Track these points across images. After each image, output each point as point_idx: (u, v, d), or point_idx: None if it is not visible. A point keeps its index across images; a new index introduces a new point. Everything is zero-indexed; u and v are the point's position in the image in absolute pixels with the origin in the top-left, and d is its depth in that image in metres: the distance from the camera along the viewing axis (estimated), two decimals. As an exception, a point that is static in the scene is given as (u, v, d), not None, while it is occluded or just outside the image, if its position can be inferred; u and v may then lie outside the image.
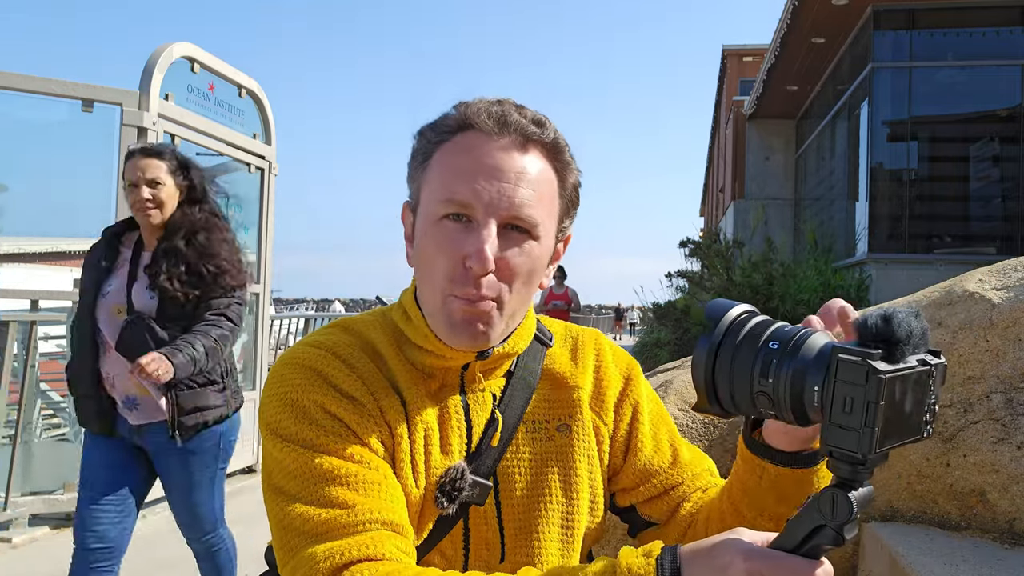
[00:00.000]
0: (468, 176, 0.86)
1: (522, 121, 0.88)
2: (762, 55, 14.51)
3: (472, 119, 0.88)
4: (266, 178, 5.31)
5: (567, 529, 0.96)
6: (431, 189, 0.89)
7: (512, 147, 0.87)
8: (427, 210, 0.89)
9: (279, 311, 13.42)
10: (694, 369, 0.69)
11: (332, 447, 0.83)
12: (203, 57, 4.55)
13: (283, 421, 0.85)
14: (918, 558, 1.58)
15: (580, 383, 1.00)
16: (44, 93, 3.96)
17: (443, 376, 0.94)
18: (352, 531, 0.78)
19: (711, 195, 30.01)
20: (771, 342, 0.66)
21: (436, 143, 0.90)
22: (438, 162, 0.89)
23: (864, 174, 10.04)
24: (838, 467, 0.61)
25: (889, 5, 9.62)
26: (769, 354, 0.65)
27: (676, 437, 1.06)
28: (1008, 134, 9.46)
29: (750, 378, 0.66)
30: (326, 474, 0.81)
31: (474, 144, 0.87)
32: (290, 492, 0.82)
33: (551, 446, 0.96)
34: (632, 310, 36.46)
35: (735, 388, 0.67)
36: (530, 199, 0.87)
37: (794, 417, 0.65)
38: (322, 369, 0.88)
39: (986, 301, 1.83)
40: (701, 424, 2.02)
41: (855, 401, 0.58)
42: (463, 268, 0.85)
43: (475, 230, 0.85)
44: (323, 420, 0.84)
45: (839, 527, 0.61)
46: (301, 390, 0.86)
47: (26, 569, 3.44)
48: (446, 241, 0.86)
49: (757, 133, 16.15)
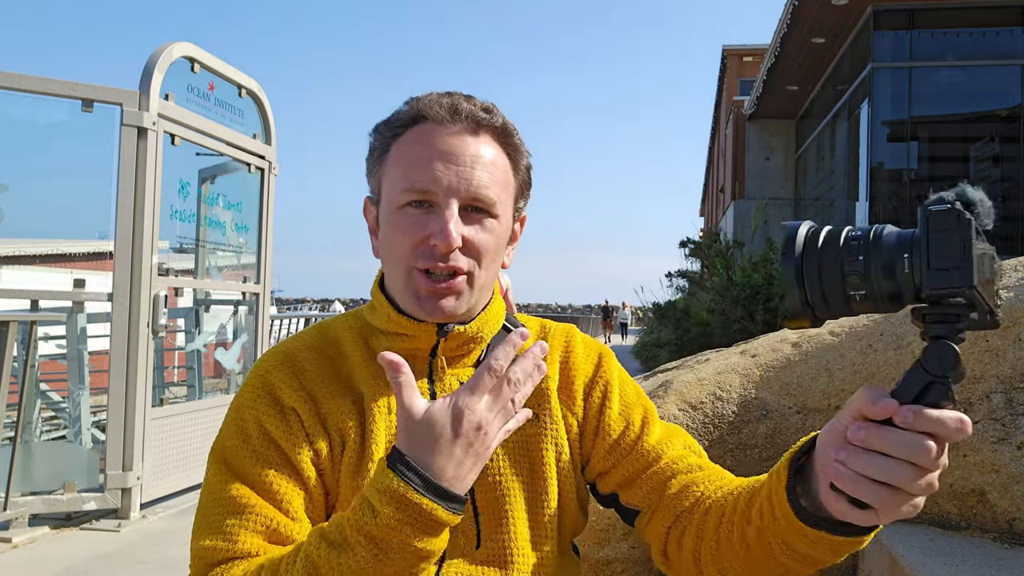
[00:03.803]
0: (426, 163, 0.91)
1: (472, 108, 0.93)
2: (762, 55, 14.50)
3: (424, 111, 0.93)
4: (266, 178, 5.31)
5: (535, 516, 0.97)
6: (391, 180, 0.94)
7: (465, 133, 0.93)
8: (389, 199, 0.94)
9: (280, 311, 13.41)
10: (784, 280, 0.72)
11: (250, 473, 0.90)
12: (203, 57, 4.55)
13: (228, 434, 0.93)
14: (918, 558, 1.58)
15: (548, 372, 1.02)
16: (44, 93, 3.96)
17: (410, 364, 0.96)
18: (226, 558, 0.85)
19: (711, 195, 30.00)
20: (852, 231, 0.70)
21: (392, 137, 0.95)
22: (395, 154, 0.94)
23: (864, 174, 10.04)
24: (939, 323, 0.66)
25: (889, 5, 9.62)
26: (854, 239, 0.69)
27: (651, 418, 1.05)
28: (1008, 134, 9.46)
29: (840, 264, 0.68)
30: (228, 502, 0.88)
31: (428, 133, 0.92)
32: (202, 500, 0.92)
33: (520, 435, 0.98)
34: (623, 309, 33.76)
35: (825, 284, 0.69)
36: (486, 180, 0.92)
37: (888, 297, 0.68)
38: (271, 380, 0.95)
39: (986, 301, 1.83)
40: (701, 424, 2.01)
41: (951, 244, 0.64)
42: (428, 247, 0.91)
43: (437, 212, 0.91)
44: (256, 440, 0.91)
45: (946, 379, 0.65)
46: (249, 405, 0.94)
47: (26, 569, 3.44)
48: (410, 225, 0.91)
49: (757, 133, 16.14)
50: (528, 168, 1.01)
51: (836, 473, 0.68)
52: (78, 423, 4.37)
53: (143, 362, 4.06)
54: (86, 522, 4.03)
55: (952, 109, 10.02)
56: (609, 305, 34.65)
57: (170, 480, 4.44)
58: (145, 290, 4.06)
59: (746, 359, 1.92)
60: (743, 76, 20.96)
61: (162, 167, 4.18)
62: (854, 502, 0.68)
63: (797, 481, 0.77)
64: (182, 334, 6.06)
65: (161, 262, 4.31)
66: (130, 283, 4.04)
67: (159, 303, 4.12)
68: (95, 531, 3.92)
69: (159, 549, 3.64)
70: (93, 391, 5.29)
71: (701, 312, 9.18)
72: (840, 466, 0.67)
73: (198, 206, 5.00)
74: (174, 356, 7.29)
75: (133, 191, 4.04)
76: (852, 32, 10.55)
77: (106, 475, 4.01)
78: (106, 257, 9.08)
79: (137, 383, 4.03)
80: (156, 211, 4.15)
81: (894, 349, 1.78)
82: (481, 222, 0.93)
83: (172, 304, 5.12)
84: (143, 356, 4.06)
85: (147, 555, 3.56)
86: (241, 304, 5.47)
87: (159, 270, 4.21)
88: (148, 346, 4.09)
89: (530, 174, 1.02)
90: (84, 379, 4.46)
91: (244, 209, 5.31)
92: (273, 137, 5.36)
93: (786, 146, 16.05)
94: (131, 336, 4.04)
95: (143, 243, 4.05)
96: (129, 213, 4.03)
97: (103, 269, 11.13)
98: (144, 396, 4.09)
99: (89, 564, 3.46)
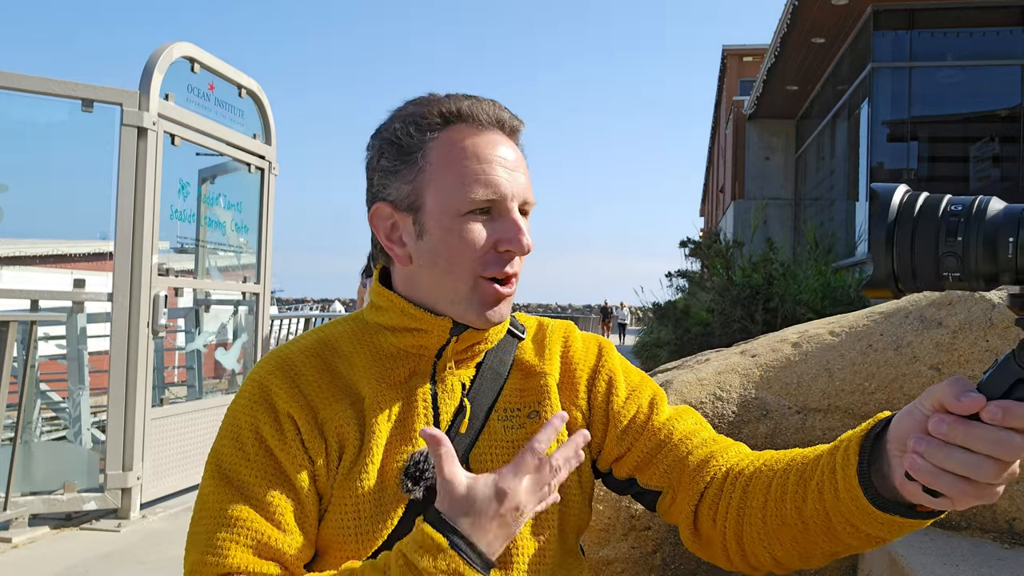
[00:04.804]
0: (490, 169, 0.92)
1: (504, 113, 0.97)
2: (762, 55, 14.51)
3: (464, 113, 0.94)
4: (266, 178, 5.31)
5: (537, 513, 0.96)
6: (447, 186, 0.92)
7: (507, 138, 0.96)
8: (446, 207, 0.92)
9: (280, 311, 13.40)
10: (872, 247, 0.68)
11: (244, 483, 0.89)
12: (203, 57, 4.55)
13: (223, 442, 0.93)
14: (918, 558, 1.58)
15: (548, 369, 1.02)
16: (44, 93, 3.96)
17: (415, 363, 0.97)
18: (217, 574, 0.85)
19: (711, 195, 30.00)
20: (952, 205, 0.65)
21: (426, 140, 0.94)
22: (443, 159, 0.93)
23: (864, 174, 10.05)
24: None
25: (889, 5, 9.62)
26: (954, 216, 0.64)
27: (660, 399, 1.05)
28: (1008, 134, 9.46)
29: (935, 242, 0.64)
30: (220, 515, 0.88)
31: (479, 139, 0.93)
32: (195, 511, 0.91)
33: (523, 433, 0.98)
34: (622, 308, 33.39)
35: (917, 258, 0.65)
36: (528, 184, 0.97)
37: (983, 279, 0.64)
38: (268, 386, 0.94)
39: (986, 301, 1.83)
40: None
41: None
42: (495, 253, 0.93)
43: (504, 217, 0.93)
44: (251, 449, 0.91)
45: None
46: (245, 411, 0.93)
47: (26, 569, 3.44)
48: (477, 232, 0.92)
49: (757, 133, 16.15)
50: None
51: (913, 464, 0.66)
52: (78, 423, 4.37)
53: (143, 362, 4.06)
54: (86, 522, 4.03)
55: (952, 109, 10.02)
56: (608, 305, 34.27)
57: (170, 480, 4.45)
58: (145, 290, 4.06)
59: (746, 359, 1.92)
60: (743, 76, 20.96)
61: (162, 167, 4.18)
62: (929, 491, 0.67)
63: (869, 462, 0.76)
64: (182, 334, 6.06)
65: (161, 262, 4.31)
66: (130, 283, 4.04)
67: (159, 303, 4.12)
68: (95, 531, 3.92)
69: (159, 549, 3.64)
70: (93, 391, 5.29)
71: (701, 312, 9.18)
72: (918, 458, 0.66)
73: (198, 206, 5.00)
74: (174, 356, 7.29)
75: (133, 191, 4.04)
76: (852, 32, 10.55)
77: (106, 475, 4.01)
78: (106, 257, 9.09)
79: (137, 383, 4.03)
80: (156, 211, 4.14)
81: (894, 349, 1.78)
82: (527, 224, 0.96)
83: (172, 304, 5.12)
84: (143, 356, 4.06)
85: (147, 555, 3.56)
86: (241, 304, 5.47)
87: (159, 270, 4.21)
88: (148, 346, 4.09)
89: None
90: (84, 379, 4.46)
91: (244, 209, 5.31)
92: (273, 137, 5.36)
93: (786, 146, 16.05)
94: (131, 336, 4.04)
95: (143, 243, 4.05)
96: (129, 213, 4.03)
97: (103, 269, 11.13)
98: (144, 396, 4.09)
99: (89, 564, 3.46)
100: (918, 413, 0.69)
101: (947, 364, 1.73)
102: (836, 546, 0.83)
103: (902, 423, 0.71)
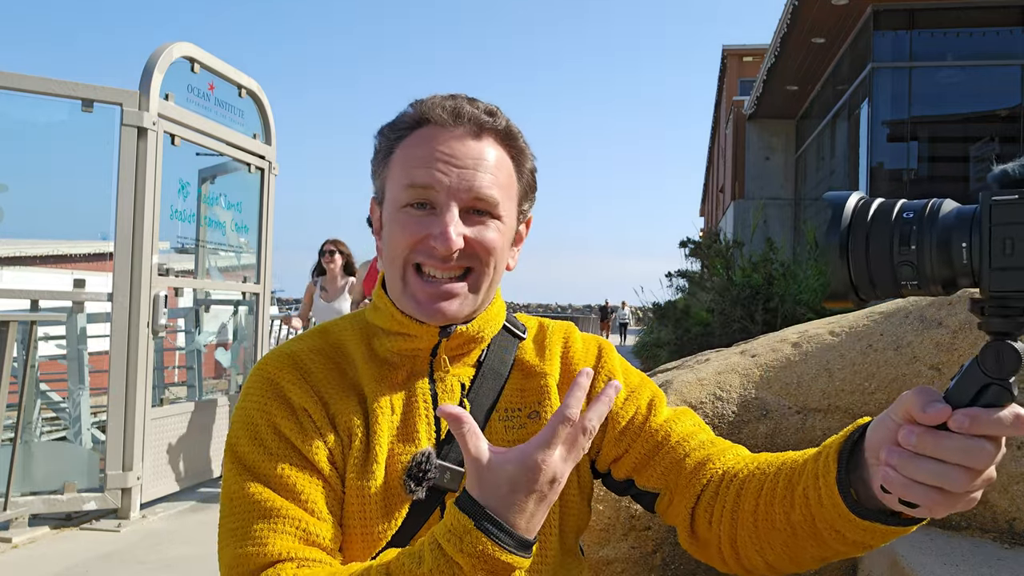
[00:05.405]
0: (427, 164, 0.92)
1: (475, 111, 0.94)
2: (762, 55, 14.51)
3: (427, 113, 0.94)
4: (266, 178, 5.31)
5: None
6: (394, 180, 0.95)
7: (467, 136, 0.94)
8: (391, 199, 0.95)
9: (281, 311, 13.40)
10: (826, 258, 0.67)
11: (271, 476, 0.88)
12: (203, 57, 4.54)
13: (240, 439, 0.92)
14: (918, 558, 1.58)
15: (548, 369, 1.03)
16: (44, 93, 3.96)
17: (411, 364, 0.97)
18: (264, 563, 0.83)
19: (711, 195, 30.01)
20: (904, 212, 0.63)
21: (395, 139, 0.96)
22: (399, 156, 0.95)
23: (864, 174, 10.05)
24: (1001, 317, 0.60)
25: (889, 5, 9.63)
26: (906, 223, 0.63)
27: (659, 400, 1.05)
28: (1008, 134, 9.46)
29: (890, 250, 0.63)
30: (254, 507, 0.87)
31: (431, 136, 0.94)
32: (224, 508, 0.90)
33: (523, 433, 0.98)
34: (622, 308, 32.98)
35: (873, 267, 0.64)
36: (488, 182, 0.93)
37: (941, 284, 0.62)
38: (279, 381, 0.93)
39: (986, 301, 1.83)
40: (701, 424, 2.01)
41: (1015, 240, 0.57)
42: (426, 246, 0.92)
43: (438, 214, 0.92)
44: (271, 443, 0.90)
45: (1006, 380, 0.60)
46: (258, 408, 0.92)
47: (26, 569, 3.44)
48: (410, 223, 0.92)
49: (757, 133, 16.15)
50: (533, 171, 1.02)
51: (887, 477, 0.66)
52: (78, 423, 4.37)
53: (143, 362, 4.06)
54: (86, 522, 4.03)
55: (952, 109, 10.02)
56: (608, 305, 34.11)
57: (170, 480, 4.45)
58: (145, 290, 4.06)
59: (746, 359, 1.92)
60: (743, 76, 20.96)
61: (162, 167, 4.18)
62: (905, 501, 0.66)
63: (848, 470, 0.76)
64: (182, 334, 6.06)
65: (161, 262, 4.31)
66: (130, 283, 4.04)
67: (159, 303, 4.12)
68: (95, 531, 3.92)
69: (159, 549, 3.64)
70: (93, 391, 5.29)
71: (701, 312, 9.18)
72: (891, 471, 0.66)
73: (198, 206, 5.00)
74: (174, 356, 7.29)
75: (133, 191, 4.04)
76: (852, 32, 10.56)
77: (106, 475, 4.02)
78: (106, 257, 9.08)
79: (137, 383, 4.03)
80: (156, 211, 4.15)
81: (894, 349, 1.78)
82: (484, 223, 0.94)
83: (172, 304, 5.12)
84: (143, 356, 4.06)
85: (147, 555, 3.56)
86: (241, 304, 5.47)
87: (159, 270, 4.21)
88: (148, 346, 4.09)
89: (535, 177, 1.03)
90: (84, 379, 4.46)
91: (244, 209, 5.31)
92: (273, 137, 5.35)
93: (786, 146, 16.05)
94: (131, 336, 4.04)
95: (143, 243, 4.05)
96: (129, 213, 4.03)
97: (103, 269, 11.12)
98: (144, 396, 4.09)
99: (89, 564, 3.47)
100: (890, 422, 0.68)
101: (947, 364, 1.73)
102: (825, 551, 0.83)
103: (876, 432, 0.71)
